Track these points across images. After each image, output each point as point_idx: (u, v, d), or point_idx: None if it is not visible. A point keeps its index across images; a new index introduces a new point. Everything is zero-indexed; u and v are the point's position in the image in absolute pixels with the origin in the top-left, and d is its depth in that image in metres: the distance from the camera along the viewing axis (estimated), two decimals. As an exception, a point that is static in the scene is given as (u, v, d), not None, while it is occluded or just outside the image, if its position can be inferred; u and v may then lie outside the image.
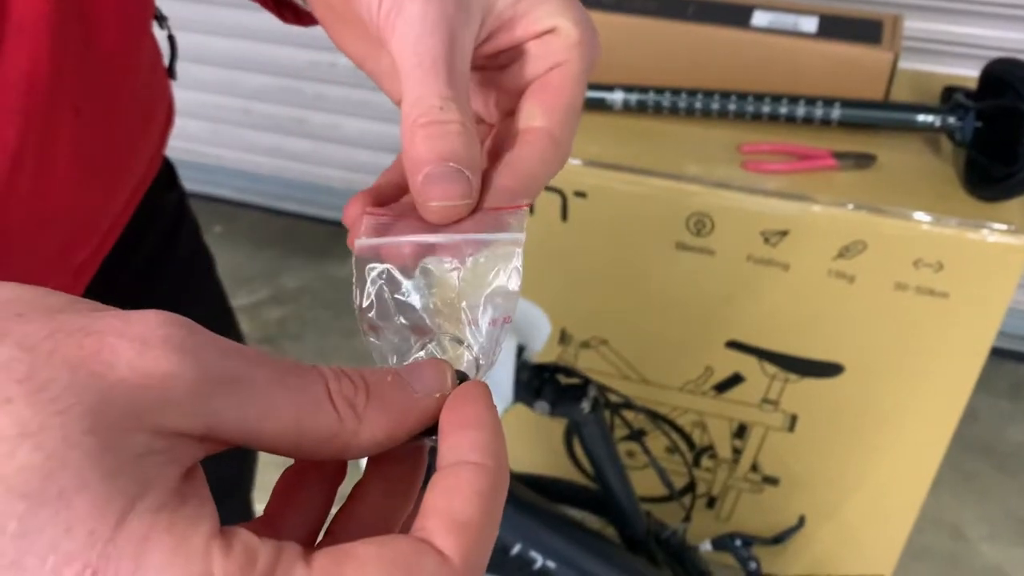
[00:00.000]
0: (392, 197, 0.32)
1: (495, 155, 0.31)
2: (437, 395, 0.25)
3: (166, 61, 0.58)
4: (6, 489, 0.18)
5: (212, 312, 0.72)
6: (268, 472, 1.63)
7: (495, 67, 0.34)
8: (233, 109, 2.10)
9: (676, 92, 1.08)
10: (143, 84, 0.53)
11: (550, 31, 0.32)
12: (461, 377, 0.26)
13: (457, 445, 0.23)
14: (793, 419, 1.20)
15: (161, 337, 0.21)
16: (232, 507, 0.68)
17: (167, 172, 0.65)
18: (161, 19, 0.55)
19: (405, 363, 0.27)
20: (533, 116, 0.31)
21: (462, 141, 0.28)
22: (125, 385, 0.19)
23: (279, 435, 0.22)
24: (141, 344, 0.20)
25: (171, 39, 0.58)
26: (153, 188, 0.59)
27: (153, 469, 0.19)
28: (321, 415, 0.23)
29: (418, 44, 0.28)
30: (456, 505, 0.22)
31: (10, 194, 0.40)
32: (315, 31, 0.43)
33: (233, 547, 0.19)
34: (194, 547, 0.19)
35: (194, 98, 2.09)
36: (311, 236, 2.24)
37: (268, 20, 0.47)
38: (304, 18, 0.43)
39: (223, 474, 0.66)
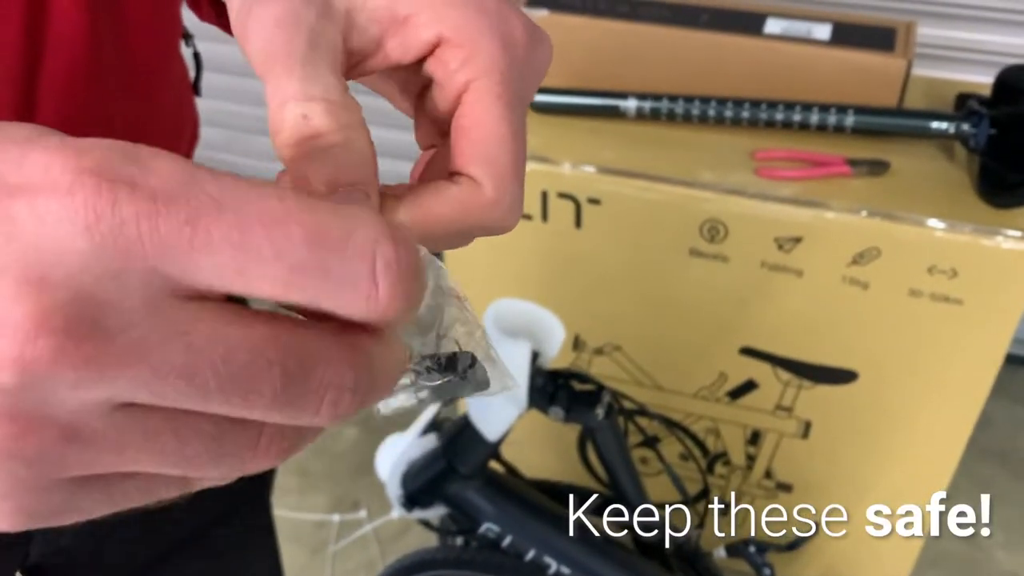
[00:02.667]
0: None
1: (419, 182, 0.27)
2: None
3: (191, 77, 0.59)
4: None
5: None
6: (285, 477, 1.63)
7: (419, 87, 0.30)
8: (248, 116, 2.11)
9: (690, 99, 1.08)
10: (172, 100, 0.54)
11: (439, 43, 0.27)
12: (462, 359, 0.26)
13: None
14: (807, 426, 1.19)
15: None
16: (250, 510, 0.69)
17: None
18: (187, 37, 0.56)
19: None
20: (455, 162, 0.26)
21: (343, 155, 0.24)
22: None
23: None
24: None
25: (196, 56, 0.59)
26: None
27: None
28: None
29: (269, 43, 0.25)
30: None
31: None
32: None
33: None
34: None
35: (209, 105, 2.10)
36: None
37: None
38: None
39: (242, 479, 0.66)
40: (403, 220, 0.25)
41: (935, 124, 1.03)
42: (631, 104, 1.09)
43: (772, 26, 1.11)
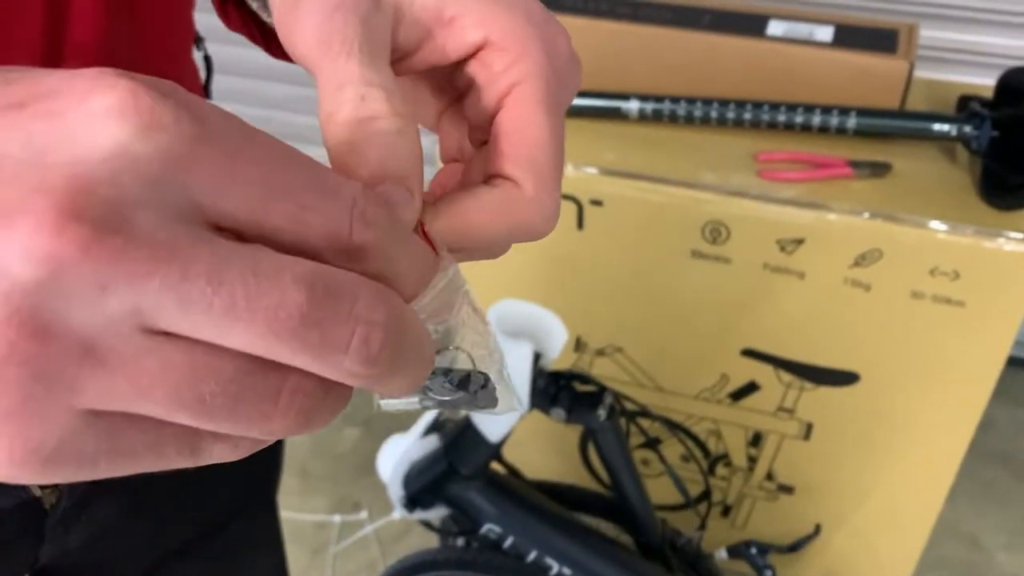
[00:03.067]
0: None
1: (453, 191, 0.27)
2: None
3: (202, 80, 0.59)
4: None
5: None
6: (287, 477, 1.63)
7: (453, 94, 0.30)
8: (253, 119, 2.09)
9: (692, 101, 1.08)
10: None
11: (484, 45, 0.27)
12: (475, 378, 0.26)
13: None
14: (808, 427, 1.19)
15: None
16: (257, 508, 0.69)
17: None
18: (198, 41, 0.56)
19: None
20: (495, 165, 0.27)
21: (396, 143, 0.24)
22: None
23: None
24: None
25: (207, 60, 0.59)
26: None
27: None
28: None
29: (323, 25, 0.25)
30: None
31: None
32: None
33: None
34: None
35: (213, 107, 2.10)
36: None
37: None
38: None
39: (249, 478, 0.66)
40: (441, 226, 0.25)
41: (937, 126, 1.03)
42: (633, 106, 1.10)
43: (774, 28, 1.11)
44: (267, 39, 0.44)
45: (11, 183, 0.17)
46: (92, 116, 0.17)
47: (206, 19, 0.57)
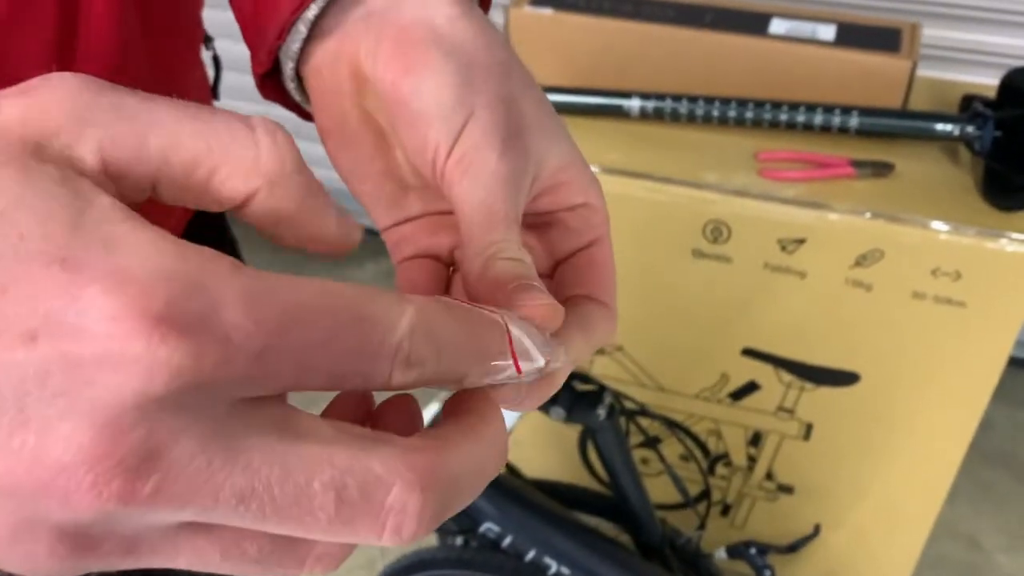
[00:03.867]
0: None
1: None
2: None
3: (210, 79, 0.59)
4: None
5: None
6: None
7: (527, 225, 0.36)
8: (255, 112, 2.11)
9: (693, 99, 1.08)
10: None
11: (583, 205, 0.36)
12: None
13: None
14: (808, 427, 1.19)
15: (43, 79, 0.20)
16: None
17: None
18: (207, 40, 0.56)
19: None
20: (586, 287, 0.34)
21: (524, 270, 0.30)
22: (10, 123, 0.19)
23: (189, 168, 0.21)
24: (21, 89, 0.20)
25: (216, 60, 0.59)
26: (198, 211, 0.60)
27: (83, 186, 0.18)
28: (236, 144, 0.22)
29: (491, 200, 0.31)
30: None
31: None
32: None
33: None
34: (168, 238, 0.18)
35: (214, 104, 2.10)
36: (328, 240, 2.25)
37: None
38: (299, 111, 0.41)
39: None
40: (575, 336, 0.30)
41: (939, 126, 1.03)
42: (635, 104, 1.09)
43: (777, 26, 1.11)
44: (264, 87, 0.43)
45: (40, 432, 0.17)
46: (113, 368, 0.17)
47: (214, 17, 0.57)
